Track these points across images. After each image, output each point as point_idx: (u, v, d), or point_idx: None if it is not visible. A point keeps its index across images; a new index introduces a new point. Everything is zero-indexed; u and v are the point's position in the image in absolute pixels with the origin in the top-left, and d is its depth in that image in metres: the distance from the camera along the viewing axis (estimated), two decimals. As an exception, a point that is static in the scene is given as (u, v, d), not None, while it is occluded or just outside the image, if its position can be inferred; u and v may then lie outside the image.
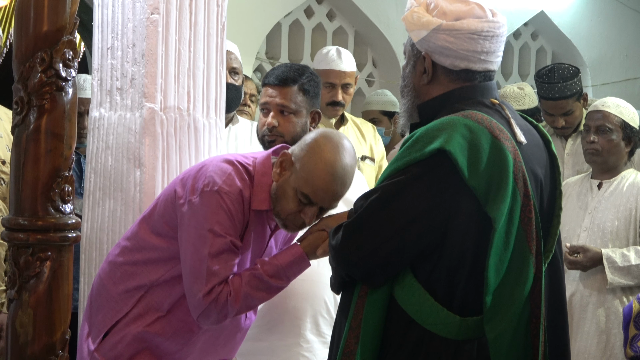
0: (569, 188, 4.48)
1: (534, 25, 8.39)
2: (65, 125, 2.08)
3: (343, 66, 4.78)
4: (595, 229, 4.30)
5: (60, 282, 2.11)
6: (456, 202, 2.32)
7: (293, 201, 2.78)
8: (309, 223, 2.81)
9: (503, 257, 2.32)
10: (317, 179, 2.75)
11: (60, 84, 2.07)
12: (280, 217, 2.82)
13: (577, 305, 4.31)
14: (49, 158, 2.07)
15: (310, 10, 7.07)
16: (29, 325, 2.08)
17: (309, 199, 2.77)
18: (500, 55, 2.53)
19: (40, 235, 2.07)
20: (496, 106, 2.47)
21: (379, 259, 2.36)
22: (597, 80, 8.26)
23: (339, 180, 2.76)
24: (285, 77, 3.41)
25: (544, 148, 2.58)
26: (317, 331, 3.38)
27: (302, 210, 2.79)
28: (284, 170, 2.81)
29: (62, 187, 2.10)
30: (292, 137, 3.41)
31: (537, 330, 2.36)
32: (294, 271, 2.81)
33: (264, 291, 2.78)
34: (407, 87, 2.58)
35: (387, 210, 2.35)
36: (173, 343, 2.84)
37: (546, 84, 4.94)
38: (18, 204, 2.09)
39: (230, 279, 2.73)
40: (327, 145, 2.78)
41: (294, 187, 2.78)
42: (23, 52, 2.07)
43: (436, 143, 2.30)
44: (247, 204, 2.79)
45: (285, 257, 2.80)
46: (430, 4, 2.51)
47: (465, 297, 2.35)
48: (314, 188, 2.75)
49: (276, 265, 2.78)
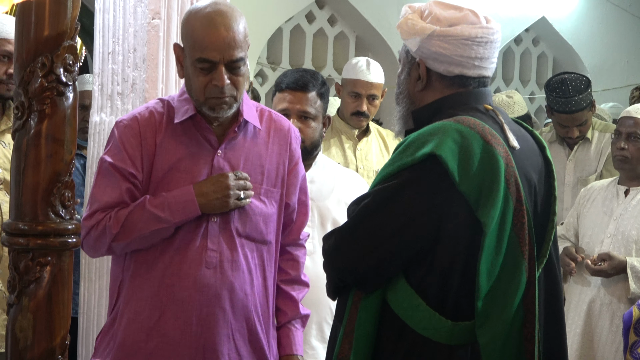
0: (594, 192, 4.44)
1: (535, 31, 8.40)
2: (66, 130, 2.08)
3: (370, 77, 4.80)
4: (620, 236, 4.25)
5: (60, 287, 2.11)
6: (448, 207, 2.32)
7: (198, 75, 2.73)
8: (224, 84, 2.72)
9: (495, 262, 2.32)
10: (198, 35, 2.71)
11: (61, 88, 2.07)
12: (201, 103, 2.76)
13: (596, 312, 4.27)
14: (49, 163, 2.07)
15: (312, 15, 7.08)
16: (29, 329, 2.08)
17: (205, 59, 2.71)
18: (495, 62, 2.55)
19: (41, 240, 2.07)
20: (489, 112, 2.49)
21: (371, 264, 2.37)
22: (598, 87, 8.26)
23: (219, 25, 2.70)
24: (305, 83, 3.43)
25: (539, 153, 2.58)
26: (322, 337, 3.39)
27: (210, 79, 2.72)
28: (179, 60, 2.80)
29: (63, 192, 2.09)
30: (312, 142, 3.43)
31: (531, 335, 2.36)
32: (178, 206, 2.74)
33: (144, 221, 2.73)
34: (402, 93, 2.59)
35: (379, 215, 2.36)
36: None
37: (562, 98, 4.92)
38: (18, 209, 2.09)
39: (117, 209, 2.72)
40: (195, 8, 2.78)
41: (191, 63, 2.74)
42: (24, 57, 2.07)
43: (427, 148, 2.31)
44: (157, 125, 2.79)
45: (175, 191, 2.76)
46: (424, 11, 2.54)
47: (458, 301, 2.36)
48: (201, 45, 2.70)
49: (162, 197, 2.75)
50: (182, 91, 2.85)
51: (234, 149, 2.84)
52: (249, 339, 2.86)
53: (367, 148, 4.81)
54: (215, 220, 2.79)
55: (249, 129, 2.87)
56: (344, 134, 4.78)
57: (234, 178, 2.77)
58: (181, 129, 2.80)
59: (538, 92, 8.51)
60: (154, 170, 2.79)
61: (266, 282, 2.90)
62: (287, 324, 3.00)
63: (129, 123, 2.79)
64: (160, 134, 2.79)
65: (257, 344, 2.87)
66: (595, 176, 5.03)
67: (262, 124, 2.91)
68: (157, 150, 2.79)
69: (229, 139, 2.82)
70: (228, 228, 2.81)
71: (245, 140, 2.86)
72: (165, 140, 2.79)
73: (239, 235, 2.82)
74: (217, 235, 2.79)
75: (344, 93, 4.83)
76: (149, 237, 2.75)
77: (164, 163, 2.79)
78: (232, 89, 2.74)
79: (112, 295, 2.89)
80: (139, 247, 2.78)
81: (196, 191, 2.74)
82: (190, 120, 2.81)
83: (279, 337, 2.99)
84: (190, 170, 2.79)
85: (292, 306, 3.01)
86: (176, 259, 2.78)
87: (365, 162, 4.76)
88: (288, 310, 3.01)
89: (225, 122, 2.83)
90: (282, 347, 2.98)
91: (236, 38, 2.72)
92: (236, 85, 2.75)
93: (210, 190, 2.75)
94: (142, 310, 2.79)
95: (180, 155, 2.79)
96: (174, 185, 2.77)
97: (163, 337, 2.78)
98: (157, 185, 2.79)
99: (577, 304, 4.34)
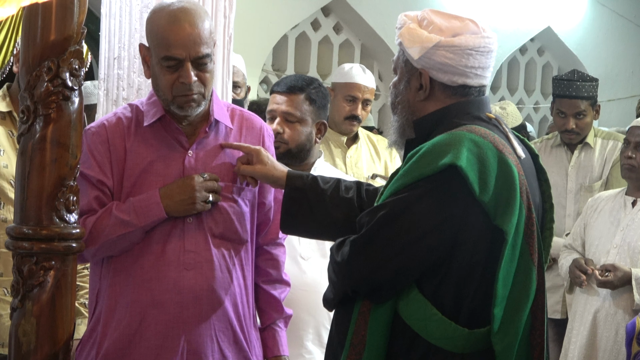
0: (602, 202, 4.43)
1: (541, 41, 8.41)
2: (71, 134, 2.08)
3: (367, 82, 4.78)
4: (626, 247, 4.23)
5: (64, 291, 2.11)
6: (465, 217, 2.32)
7: (164, 74, 2.71)
8: (191, 81, 2.69)
9: (510, 269, 2.32)
10: (162, 32, 2.68)
11: (66, 93, 2.07)
12: (169, 101, 2.73)
13: (601, 323, 4.24)
14: (54, 167, 2.07)
15: (317, 23, 7.09)
16: (32, 334, 2.08)
17: (170, 56, 2.68)
18: (492, 71, 2.55)
19: (45, 245, 2.07)
20: (493, 120, 2.49)
21: (387, 274, 2.36)
22: (602, 97, 8.24)
23: (184, 21, 2.68)
24: (292, 85, 3.44)
25: (532, 162, 2.58)
26: (319, 342, 3.38)
27: (177, 77, 2.70)
28: (145, 60, 2.77)
29: (67, 197, 2.10)
30: (297, 144, 3.42)
31: (537, 342, 2.36)
32: (143, 210, 2.71)
33: (111, 226, 2.70)
34: (400, 103, 2.57)
35: (396, 225, 2.35)
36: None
37: (565, 81, 5.03)
38: (23, 213, 2.09)
39: (85, 216, 2.69)
40: (158, 6, 2.77)
41: (157, 62, 2.71)
42: (30, 61, 2.07)
43: (446, 158, 2.30)
44: (125, 130, 2.76)
45: (141, 195, 2.74)
46: (422, 21, 2.53)
47: (473, 309, 2.35)
48: (166, 42, 2.68)
49: (129, 201, 2.73)
50: (150, 94, 2.83)
51: (205, 149, 2.82)
52: (233, 339, 2.83)
53: (357, 155, 4.78)
54: (190, 222, 2.77)
55: (220, 129, 2.84)
56: (332, 141, 4.74)
57: (201, 180, 2.75)
58: (151, 132, 2.78)
59: (543, 101, 8.51)
60: (125, 176, 2.77)
61: (246, 281, 2.88)
62: (272, 325, 2.98)
63: (96, 130, 2.77)
64: (130, 139, 2.77)
65: (241, 344, 2.85)
66: (601, 183, 5.02)
67: (234, 123, 2.88)
68: (127, 155, 2.76)
69: (200, 139, 2.80)
70: (203, 228, 2.78)
71: (217, 140, 2.83)
72: (134, 144, 2.77)
73: (214, 236, 2.79)
74: (193, 236, 2.77)
75: (336, 98, 4.77)
76: (117, 241, 2.72)
77: (135, 167, 2.77)
78: (200, 86, 2.72)
79: (90, 303, 2.86)
80: (109, 253, 2.75)
81: (162, 194, 2.72)
82: (159, 122, 2.78)
83: (264, 338, 2.97)
84: (162, 172, 2.77)
85: (275, 307, 2.99)
86: (154, 262, 2.75)
87: (355, 169, 4.73)
88: (272, 311, 2.99)
89: (196, 122, 2.81)
90: (268, 349, 2.97)
91: (201, 34, 2.70)
92: (203, 82, 2.73)
93: (175, 192, 2.73)
94: (122, 317, 2.76)
95: (151, 158, 2.77)
96: (147, 189, 2.75)
97: (146, 342, 2.75)
98: (130, 190, 2.76)
99: (582, 314, 4.33)
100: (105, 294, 2.78)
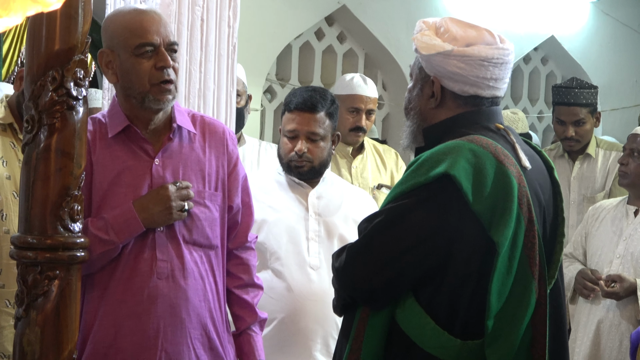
0: (603, 212, 4.42)
1: (544, 50, 8.40)
2: (75, 144, 2.08)
3: (368, 92, 4.78)
4: (629, 257, 4.21)
5: (68, 301, 2.11)
6: (460, 226, 2.32)
7: (140, 63, 2.72)
8: (169, 64, 2.71)
9: (506, 282, 2.31)
10: (132, 25, 2.70)
11: (71, 102, 2.07)
12: (145, 93, 2.73)
13: (605, 333, 4.23)
14: (58, 177, 2.07)
15: (321, 32, 7.09)
16: (36, 343, 2.07)
17: (145, 43, 2.70)
18: (507, 82, 2.54)
19: (49, 254, 2.07)
20: (501, 131, 2.48)
21: (381, 281, 2.36)
22: (606, 106, 8.26)
23: (149, 12, 2.74)
24: (313, 104, 3.43)
25: (547, 174, 2.57)
26: (327, 352, 3.39)
27: (154, 63, 2.71)
28: (109, 65, 2.76)
29: (72, 206, 2.10)
30: (320, 161, 3.44)
31: (539, 355, 2.35)
32: (121, 226, 2.71)
33: (90, 245, 2.62)
34: (413, 109, 2.58)
35: (392, 233, 2.36)
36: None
37: (563, 88, 5.06)
38: (27, 222, 2.09)
39: None
40: (113, 12, 2.81)
41: (127, 57, 2.71)
42: (34, 71, 2.07)
43: (441, 167, 2.31)
44: (89, 144, 2.72)
45: (116, 211, 2.73)
46: (440, 28, 2.52)
47: (467, 320, 2.35)
48: (139, 31, 2.70)
49: (103, 219, 2.72)
50: (111, 105, 2.83)
51: (171, 156, 2.82)
52: (209, 345, 2.84)
53: (362, 165, 4.79)
54: (161, 230, 2.77)
55: (183, 135, 2.85)
56: (338, 152, 4.74)
57: (175, 189, 2.75)
58: (115, 143, 2.78)
59: (547, 111, 8.50)
60: (94, 190, 2.77)
61: (217, 286, 2.88)
62: (247, 330, 2.99)
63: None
64: (95, 152, 2.77)
65: (217, 350, 2.86)
66: (604, 194, 5.02)
67: (197, 128, 2.88)
68: (93, 169, 2.76)
69: (165, 146, 2.80)
70: (175, 236, 2.79)
71: (182, 146, 2.84)
72: (100, 157, 2.77)
73: (186, 242, 2.80)
74: (165, 244, 2.78)
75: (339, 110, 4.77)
76: (97, 260, 2.73)
77: (103, 180, 2.77)
78: (173, 74, 2.74)
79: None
80: (89, 271, 2.75)
81: (137, 207, 2.72)
82: (123, 133, 2.79)
83: (240, 344, 2.97)
84: (131, 183, 2.77)
85: (249, 311, 2.99)
86: (127, 273, 2.76)
87: (360, 179, 4.73)
88: (246, 316, 2.99)
89: (159, 130, 2.81)
90: (245, 354, 2.97)
91: (167, 23, 2.74)
92: (175, 72, 2.75)
93: (151, 204, 2.73)
94: (97, 330, 2.77)
95: (118, 170, 2.77)
96: (117, 201, 2.75)
97: (122, 353, 2.76)
98: (100, 204, 2.76)
99: (585, 323, 4.31)
100: (83, 311, 2.78)
